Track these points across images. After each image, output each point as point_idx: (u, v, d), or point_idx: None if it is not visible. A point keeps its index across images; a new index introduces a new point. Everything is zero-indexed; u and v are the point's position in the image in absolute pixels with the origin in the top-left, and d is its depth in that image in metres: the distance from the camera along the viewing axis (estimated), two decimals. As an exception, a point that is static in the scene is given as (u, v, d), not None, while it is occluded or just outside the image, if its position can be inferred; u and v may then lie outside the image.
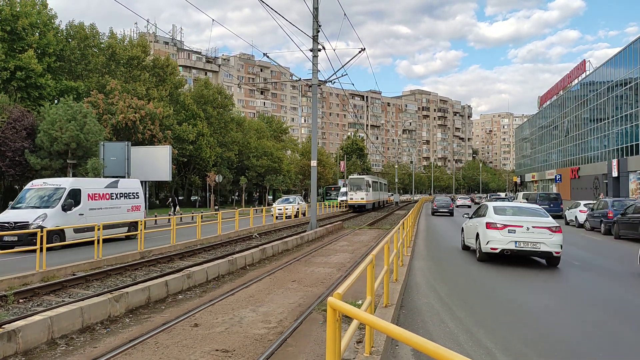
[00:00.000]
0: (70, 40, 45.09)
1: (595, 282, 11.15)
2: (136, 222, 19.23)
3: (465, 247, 15.87)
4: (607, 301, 9.17)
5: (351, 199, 46.69)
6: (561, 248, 12.60)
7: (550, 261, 13.03)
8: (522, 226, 12.67)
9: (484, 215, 13.90)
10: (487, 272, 12.09)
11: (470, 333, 6.84)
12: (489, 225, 13.04)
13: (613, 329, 7.28)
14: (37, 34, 39.99)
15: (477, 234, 13.75)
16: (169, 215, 33.33)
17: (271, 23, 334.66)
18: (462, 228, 16.76)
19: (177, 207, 39.30)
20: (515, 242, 12.57)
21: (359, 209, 46.42)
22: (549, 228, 12.61)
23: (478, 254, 13.64)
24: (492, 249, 12.87)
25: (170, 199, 39.83)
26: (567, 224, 29.37)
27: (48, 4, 41.51)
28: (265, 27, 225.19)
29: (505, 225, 12.76)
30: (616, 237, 21.32)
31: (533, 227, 12.59)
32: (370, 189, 47.48)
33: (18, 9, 38.79)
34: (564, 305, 8.77)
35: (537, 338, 6.69)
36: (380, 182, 58.37)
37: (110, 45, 48.17)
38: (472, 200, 71.95)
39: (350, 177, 50.77)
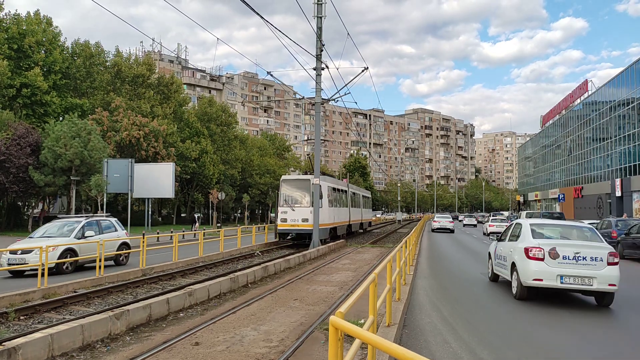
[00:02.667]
0: (75, 58, 45.56)
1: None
2: None
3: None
4: (611, 322, 9.07)
5: (284, 219, 24.84)
6: (453, 226, 42.33)
7: (451, 232, 39.67)
8: (440, 221, 42.40)
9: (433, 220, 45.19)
10: (492, 291, 12.00)
11: (473, 353, 6.76)
12: (434, 220, 44.64)
13: (623, 353, 7.20)
14: (43, 51, 40.43)
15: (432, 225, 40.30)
16: (196, 231, 33.92)
17: (276, 42, 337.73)
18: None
19: (197, 224, 40.28)
20: (440, 226, 41.39)
21: (297, 239, 25.60)
22: (449, 221, 42.11)
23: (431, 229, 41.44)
24: (434, 229, 41.71)
25: (192, 216, 42.71)
26: (571, 243, 29.15)
27: (53, 22, 42.05)
28: (270, 46, 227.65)
29: (436, 221, 43.51)
30: (620, 257, 21.15)
31: (445, 220, 42.55)
32: (326, 201, 25.68)
33: (24, 27, 39.29)
34: (569, 327, 8.67)
35: (542, 358, 6.61)
36: (352, 193, 36.31)
37: (116, 63, 48.64)
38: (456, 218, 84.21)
39: (283, 177, 27.46)
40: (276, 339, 7.64)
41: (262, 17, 15.53)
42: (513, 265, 10.84)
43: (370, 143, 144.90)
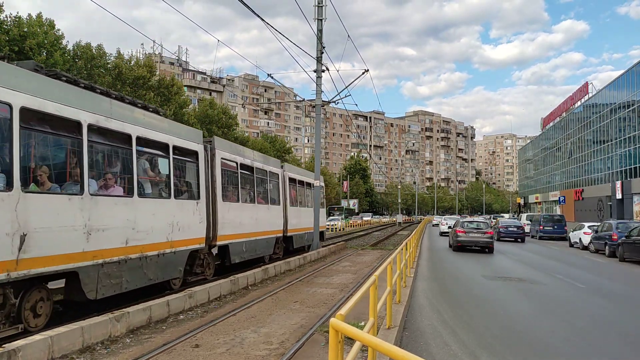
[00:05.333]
0: (77, 60, 45.59)
1: (600, 304, 11.04)
2: None
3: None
4: (612, 324, 9.06)
5: None
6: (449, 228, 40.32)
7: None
8: (445, 224, 41.57)
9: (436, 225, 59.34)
10: (491, 293, 12.00)
11: (474, 356, 6.76)
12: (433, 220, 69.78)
13: (623, 355, 7.19)
14: (44, 53, 40.47)
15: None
16: None
17: (278, 44, 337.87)
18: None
19: None
20: (436, 223, 58.07)
21: None
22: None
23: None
24: (434, 224, 62.11)
25: None
26: (572, 245, 29.17)
27: (56, 24, 42.10)
28: (271, 48, 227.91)
29: (434, 220, 67.63)
30: (621, 259, 21.15)
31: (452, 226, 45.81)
32: (85, 178, 8.21)
33: (25, 29, 39.36)
34: (570, 329, 8.67)
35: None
36: (258, 169, 16.54)
37: (117, 65, 48.67)
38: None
39: None
40: (276, 341, 7.64)
41: (262, 20, 15.54)
42: (435, 225, 53.91)
43: (370, 145, 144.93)
